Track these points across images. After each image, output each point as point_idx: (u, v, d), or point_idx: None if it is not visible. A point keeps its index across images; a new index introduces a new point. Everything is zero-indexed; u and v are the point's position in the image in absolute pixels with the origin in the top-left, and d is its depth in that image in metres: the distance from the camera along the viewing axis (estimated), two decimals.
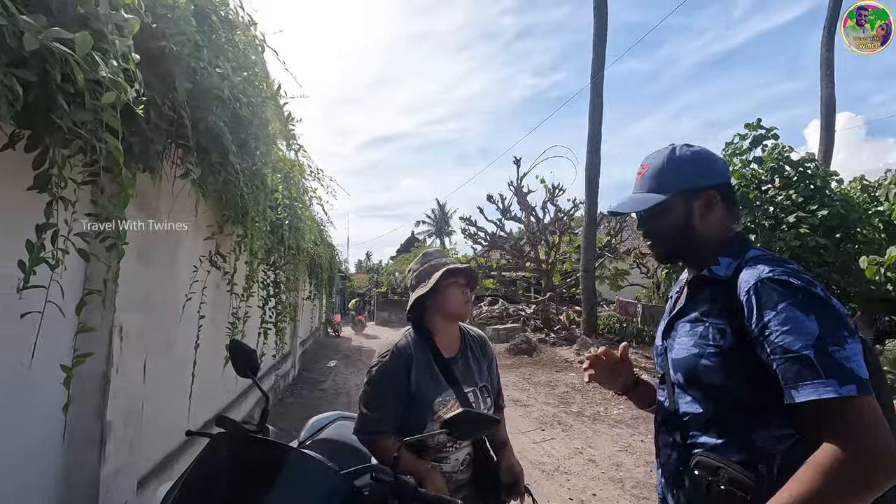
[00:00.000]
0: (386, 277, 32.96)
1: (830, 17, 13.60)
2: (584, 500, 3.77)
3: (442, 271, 1.62)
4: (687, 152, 1.14)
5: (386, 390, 1.55)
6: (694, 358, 1.04)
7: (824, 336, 0.87)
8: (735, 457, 0.97)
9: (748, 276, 0.98)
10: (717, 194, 1.11)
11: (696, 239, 1.12)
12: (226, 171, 2.13)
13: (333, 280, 14.11)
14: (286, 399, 7.16)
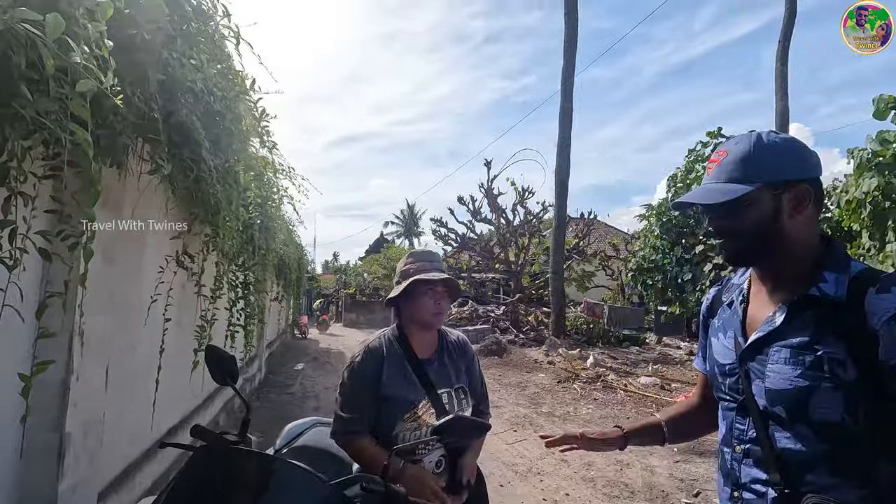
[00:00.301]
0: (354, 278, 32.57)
1: (785, 33, 14.32)
2: (557, 500, 3.81)
3: (411, 279, 1.61)
4: (777, 139, 0.99)
5: (358, 391, 1.56)
6: (803, 391, 0.91)
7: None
8: (853, 497, 0.88)
9: (887, 303, 0.87)
10: (811, 190, 0.96)
11: (783, 240, 0.98)
12: (198, 168, 2.04)
13: (301, 281, 13.82)
14: (253, 404, 6.95)
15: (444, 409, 1.57)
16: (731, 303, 1.13)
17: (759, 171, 0.96)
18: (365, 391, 1.56)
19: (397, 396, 1.55)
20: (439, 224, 16.69)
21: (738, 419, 1.04)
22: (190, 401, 3.99)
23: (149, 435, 3.08)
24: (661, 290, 9.72)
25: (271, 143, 3.02)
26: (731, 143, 1.02)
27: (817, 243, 1.00)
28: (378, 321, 27.11)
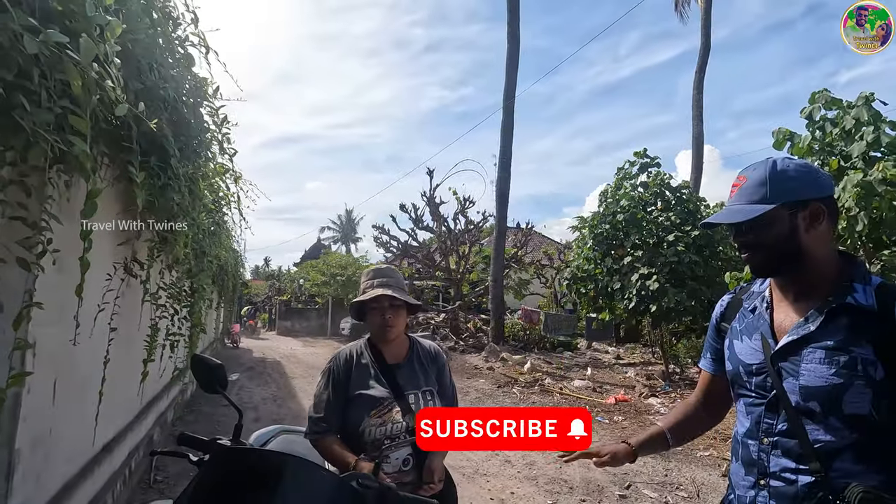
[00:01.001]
0: (289, 285, 31.50)
1: (700, 64, 15.80)
2: (503, 499, 4.00)
3: (353, 306, 1.79)
4: (790, 164, 1.12)
5: (326, 394, 1.71)
6: (838, 388, 1.02)
7: None
8: (876, 480, 1.00)
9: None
10: (824, 207, 1.08)
11: (801, 253, 1.09)
12: (165, 175, 2.02)
13: (237, 288, 13.24)
14: (186, 417, 6.60)
15: (409, 408, 1.70)
16: (755, 308, 1.22)
17: (776, 193, 1.08)
18: (333, 394, 1.71)
19: (364, 396, 1.68)
20: (381, 231, 16.66)
21: (768, 414, 1.12)
22: (127, 413, 3.79)
23: (87, 450, 2.92)
24: (592, 297, 10.33)
25: (232, 151, 2.99)
26: (749, 170, 1.16)
27: (834, 257, 1.13)
28: (314, 329, 26.39)
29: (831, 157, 5.36)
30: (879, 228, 4.62)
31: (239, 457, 1.10)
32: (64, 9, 1.05)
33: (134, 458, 3.97)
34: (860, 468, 1.01)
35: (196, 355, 1.42)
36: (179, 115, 2.05)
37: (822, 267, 1.10)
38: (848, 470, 1.01)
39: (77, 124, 1.13)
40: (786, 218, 1.08)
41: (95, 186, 1.25)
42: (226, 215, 4.86)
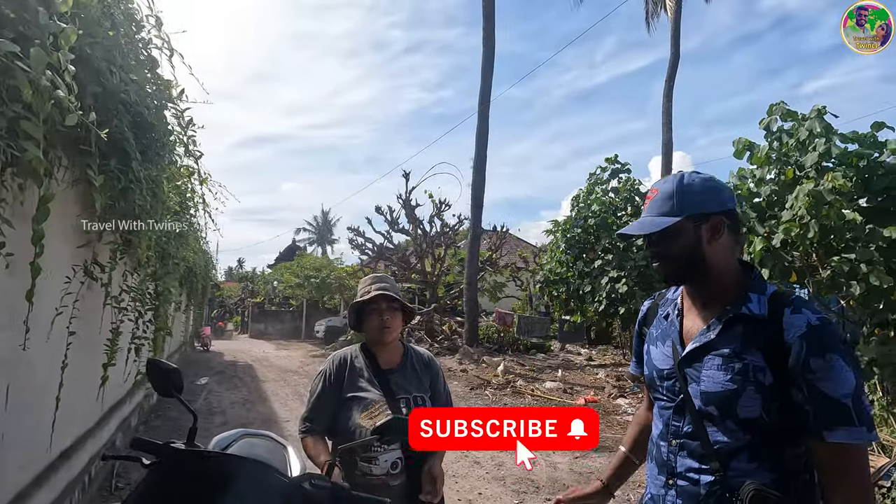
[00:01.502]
0: (263, 287, 30.99)
1: (670, 74, 16.28)
2: (471, 500, 4.06)
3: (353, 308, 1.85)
4: (696, 179, 1.18)
5: (319, 395, 1.78)
6: (733, 393, 1.07)
7: (859, 386, 1.00)
8: (768, 478, 1.05)
9: (797, 321, 1.05)
10: (725, 220, 1.14)
11: (705, 263, 1.15)
12: (126, 178, 2.01)
13: (207, 290, 12.98)
14: (151, 422, 6.47)
15: (400, 412, 1.72)
16: (668, 315, 1.27)
17: (682, 206, 1.14)
18: (326, 396, 1.77)
19: (356, 398, 1.74)
20: (356, 233, 16.59)
21: (675, 417, 1.19)
22: (88, 418, 3.70)
23: (41, 458, 2.85)
24: (564, 300, 10.53)
25: (198, 153, 2.96)
26: (660, 183, 1.23)
27: (737, 268, 1.18)
28: (288, 332, 26.02)
29: (787, 167, 5.61)
30: (829, 236, 4.86)
31: (188, 459, 1.12)
32: (17, 16, 1.05)
33: (94, 465, 3.87)
34: (754, 467, 1.06)
35: (151, 359, 1.42)
36: (142, 117, 2.04)
37: (724, 277, 1.16)
38: (744, 469, 1.07)
39: (29, 129, 1.13)
40: (690, 230, 1.13)
41: (48, 192, 1.25)
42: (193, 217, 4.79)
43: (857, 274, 4.62)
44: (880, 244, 4.57)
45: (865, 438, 0.99)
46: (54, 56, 1.07)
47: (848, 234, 4.75)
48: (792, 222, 5.00)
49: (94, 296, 3.14)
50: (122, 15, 2.02)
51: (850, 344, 1.17)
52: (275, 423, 6.67)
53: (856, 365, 1.03)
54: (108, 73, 1.80)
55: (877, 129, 5.08)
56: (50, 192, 1.26)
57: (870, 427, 1.00)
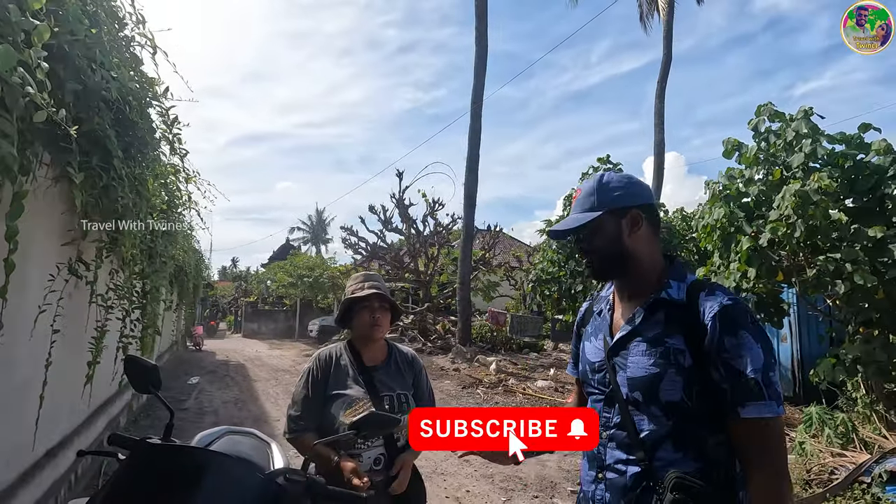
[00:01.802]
0: (256, 286, 30.88)
1: (662, 75, 16.35)
2: (459, 497, 4.07)
3: (346, 300, 1.86)
4: (614, 176, 1.23)
5: (306, 393, 1.78)
6: (656, 377, 1.09)
7: (768, 362, 1.02)
8: (692, 467, 1.05)
9: (711, 303, 1.08)
10: (642, 213, 1.19)
11: (628, 255, 1.19)
12: (108, 176, 2.01)
13: (198, 289, 12.92)
14: (140, 421, 6.44)
15: (384, 409, 1.74)
16: (601, 311, 1.32)
17: (602, 202, 1.19)
18: (312, 393, 1.78)
19: (341, 395, 1.75)
20: (350, 232, 16.56)
21: (605, 408, 1.20)
22: (70, 420, 3.68)
23: (25, 457, 2.84)
24: (556, 299, 10.58)
25: (183, 151, 2.96)
26: (584, 183, 1.28)
27: (660, 259, 1.22)
28: (281, 331, 25.94)
29: (775, 167, 5.67)
30: (815, 235, 4.91)
31: (160, 454, 1.12)
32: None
33: (81, 464, 3.86)
34: (679, 456, 1.07)
35: (130, 356, 1.43)
36: (124, 115, 2.03)
37: (646, 268, 1.20)
38: (669, 459, 1.07)
39: (3, 126, 1.13)
40: (611, 223, 1.19)
41: (22, 188, 1.25)
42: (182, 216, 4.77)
43: (842, 273, 4.68)
44: (865, 244, 4.63)
45: (774, 413, 1.00)
46: (26, 53, 1.07)
47: (833, 234, 4.81)
48: (779, 222, 5.05)
49: (80, 294, 3.13)
50: (105, 12, 2.02)
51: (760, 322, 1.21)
52: (265, 423, 6.66)
53: (765, 341, 1.05)
54: (89, 71, 1.79)
55: (864, 131, 5.14)
56: (24, 189, 1.26)
57: (778, 401, 1.02)
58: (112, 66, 1.97)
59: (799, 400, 6.64)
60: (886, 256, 4.53)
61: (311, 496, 1.25)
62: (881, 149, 4.92)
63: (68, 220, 2.78)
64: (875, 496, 3.45)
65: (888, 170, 4.78)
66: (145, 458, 1.11)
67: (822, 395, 5.84)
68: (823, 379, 5.04)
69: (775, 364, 1.04)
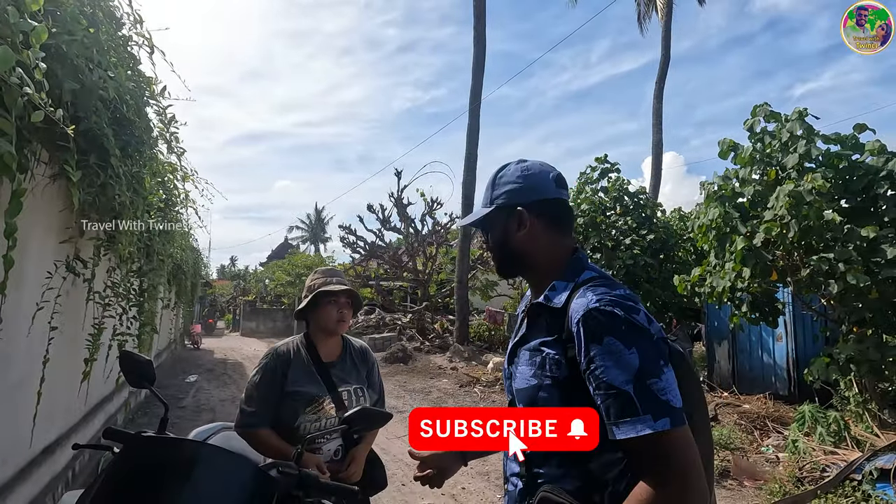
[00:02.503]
0: (255, 285, 30.88)
1: (660, 76, 16.39)
2: (454, 494, 4.10)
3: (315, 293, 1.85)
4: (510, 169, 1.14)
5: (262, 388, 1.77)
6: (533, 389, 1.01)
7: (644, 368, 0.87)
8: (572, 486, 0.97)
9: (577, 306, 0.95)
10: (527, 212, 1.08)
11: (516, 254, 1.11)
12: (105, 174, 2.03)
13: (196, 288, 12.93)
14: (138, 419, 6.45)
15: (343, 404, 1.81)
16: (518, 314, 1.23)
17: (493, 197, 1.13)
18: (269, 389, 1.76)
19: (301, 392, 1.77)
20: (348, 231, 16.57)
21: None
22: (68, 417, 3.70)
23: (22, 454, 2.85)
24: None
25: (180, 150, 2.98)
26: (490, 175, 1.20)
27: (562, 257, 1.09)
28: (280, 330, 25.91)
29: (770, 168, 5.70)
30: (809, 235, 4.95)
31: (154, 446, 1.15)
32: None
33: (79, 461, 3.88)
34: (562, 473, 0.99)
35: (124, 350, 1.45)
36: (121, 114, 2.06)
37: (543, 267, 1.10)
38: (553, 475, 1.00)
39: (1, 125, 1.16)
40: (500, 223, 1.12)
41: (20, 186, 1.28)
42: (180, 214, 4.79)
43: (835, 273, 4.72)
44: (858, 244, 4.66)
45: (651, 428, 0.84)
46: (24, 54, 1.10)
47: (827, 234, 4.85)
48: (773, 222, 5.09)
49: (79, 291, 3.15)
50: (102, 12, 2.04)
51: (647, 320, 0.95)
52: None
53: (643, 346, 0.89)
54: (87, 70, 1.82)
55: (859, 131, 5.18)
56: (22, 187, 1.29)
57: (657, 413, 0.85)
58: (109, 66, 1.99)
59: (794, 399, 6.68)
60: (879, 256, 4.57)
61: (304, 489, 1.28)
62: (875, 149, 4.96)
63: (66, 217, 2.80)
64: (866, 493, 3.49)
65: (881, 170, 4.81)
66: (139, 450, 1.13)
67: (816, 393, 5.88)
68: (817, 378, 5.08)
69: (661, 368, 0.88)
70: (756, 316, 5.87)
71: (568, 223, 1.14)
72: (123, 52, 2.26)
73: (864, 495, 3.47)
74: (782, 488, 3.92)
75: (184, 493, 1.02)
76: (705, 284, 6.15)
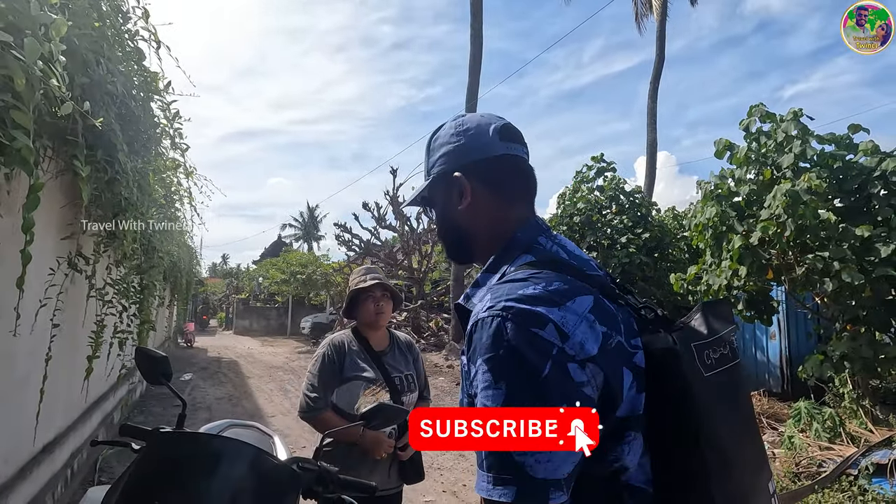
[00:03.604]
0: (248, 283, 30.70)
1: (655, 75, 16.47)
2: (455, 491, 4.12)
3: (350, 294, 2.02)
4: (444, 128, 0.91)
5: (323, 375, 1.91)
6: (463, 405, 0.78)
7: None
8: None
9: (475, 312, 0.72)
10: (465, 178, 0.84)
11: (464, 235, 0.89)
12: (112, 170, 2.02)
13: (191, 286, 12.85)
14: (134, 417, 6.41)
15: (396, 389, 1.94)
16: None
17: (430, 166, 0.90)
18: (329, 376, 1.91)
19: (359, 378, 1.90)
20: (343, 229, 16.53)
21: None
22: (67, 415, 3.67)
23: (27, 450, 2.84)
24: None
25: (185, 146, 2.96)
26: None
27: (504, 233, 0.85)
28: (274, 328, 25.82)
29: (765, 168, 5.76)
30: (805, 234, 5.01)
31: (177, 441, 1.15)
32: (7, 6, 1.07)
33: (77, 459, 3.85)
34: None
35: (140, 347, 1.45)
36: (128, 109, 2.05)
37: (490, 248, 0.86)
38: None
39: (19, 119, 1.15)
40: (439, 193, 0.89)
41: (38, 181, 1.27)
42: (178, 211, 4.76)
43: (830, 271, 4.78)
44: (853, 242, 4.73)
45: (485, 493, 0.64)
46: (46, 46, 1.09)
47: (822, 233, 4.91)
48: (769, 221, 5.14)
49: (79, 289, 3.13)
50: (109, 6, 2.02)
51: (546, 353, 0.64)
52: (261, 419, 6.65)
53: (514, 384, 0.65)
54: (95, 64, 1.80)
55: (853, 132, 5.25)
56: (39, 182, 1.28)
57: (500, 477, 0.64)
58: (117, 60, 1.98)
59: (787, 395, 6.77)
60: (873, 255, 4.63)
61: (323, 484, 1.28)
62: (868, 149, 5.03)
63: (67, 213, 2.77)
64: (862, 488, 3.55)
65: (874, 170, 4.89)
66: (164, 445, 1.13)
67: (810, 390, 5.96)
68: (811, 375, 5.15)
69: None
70: (751, 314, 5.93)
71: (519, 187, 0.88)
72: (129, 47, 2.24)
73: (861, 490, 3.53)
74: (779, 484, 3.97)
75: (211, 487, 1.03)
76: (701, 282, 6.20)
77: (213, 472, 1.04)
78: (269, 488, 1.09)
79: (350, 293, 2.02)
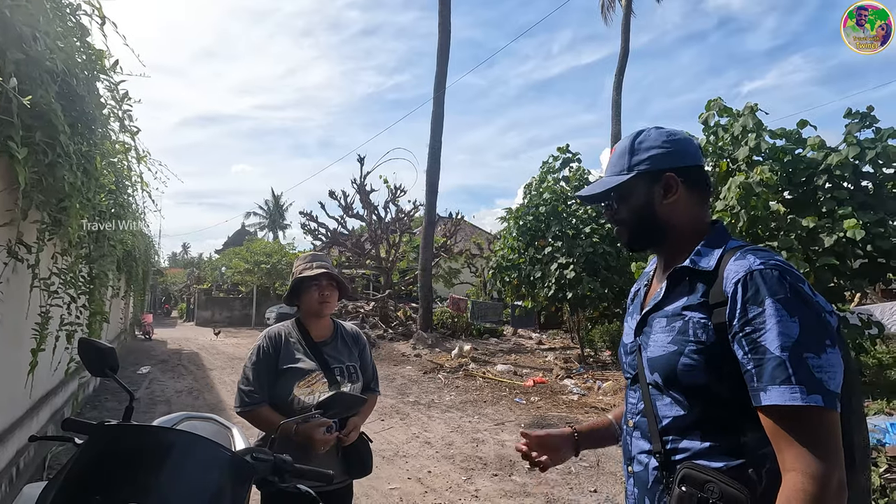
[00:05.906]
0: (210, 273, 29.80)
1: (620, 68, 16.78)
2: (420, 478, 4.16)
3: (295, 279, 1.94)
4: (652, 134, 1.07)
5: (257, 368, 1.84)
6: (673, 356, 0.94)
7: (803, 340, 0.82)
8: (723, 462, 0.89)
9: (736, 268, 0.91)
10: (678, 178, 1.03)
11: (659, 223, 1.05)
12: (53, 153, 1.90)
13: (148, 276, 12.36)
14: (87, 413, 6.16)
15: (335, 379, 1.88)
16: (639, 290, 1.18)
17: (633, 164, 1.05)
18: (264, 368, 1.84)
19: (293, 368, 1.83)
20: (309, 218, 16.22)
21: (631, 394, 1.07)
22: (10, 412, 3.49)
23: None
24: (516, 286, 10.78)
25: (135, 129, 2.79)
26: (619, 142, 1.13)
27: (702, 227, 1.04)
28: (237, 319, 25.19)
29: (722, 160, 5.98)
30: (756, 225, 5.24)
31: (121, 434, 1.10)
32: None
33: (23, 458, 3.68)
34: (706, 447, 0.92)
35: (84, 338, 1.38)
36: (70, 88, 1.93)
37: (686, 237, 1.04)
38: (696, 450, 0.92)
39: None
40: (642, 190, 1.05)
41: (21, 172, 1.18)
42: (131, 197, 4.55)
43: None
44: (799, 233, 4.98)
45: (803, 401, 0.80)
46: None
47: (772, 224, 5.15)
48: (724, 212, 5.34)
49: (21, 279, 2.96)
50: None
51: (813, 294, 0.89)
52: (222, 411, 6.50)
53: (808, 315, 0.85)
54: (32, 40, 1.69)
55: (801, 127, 5.50)
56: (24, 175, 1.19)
57: (813, 389, 0.80)
58: (57, 36, 1.86)
59: None
60: (817, 245, 4.90)
61: (279, 474, 1.26)
62: (815, 144, 5.28)
63: (7, 199, 2.61)
64: None
65: (820, 164, 5.14)
66: (108, 439, 1.08)
67: None
68: None
69: (823, 345, 0.83)
70: None
71: (708, 194, 1.09)
72: (71, 22, 2.10)
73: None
74: None
75: (158, 480, 0.99)
76: None
77: (159, 464, 1.01)
78: (220, 479, 1.06)
79: (294, 280, 1.94)
